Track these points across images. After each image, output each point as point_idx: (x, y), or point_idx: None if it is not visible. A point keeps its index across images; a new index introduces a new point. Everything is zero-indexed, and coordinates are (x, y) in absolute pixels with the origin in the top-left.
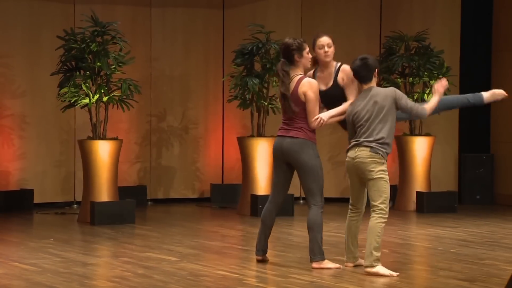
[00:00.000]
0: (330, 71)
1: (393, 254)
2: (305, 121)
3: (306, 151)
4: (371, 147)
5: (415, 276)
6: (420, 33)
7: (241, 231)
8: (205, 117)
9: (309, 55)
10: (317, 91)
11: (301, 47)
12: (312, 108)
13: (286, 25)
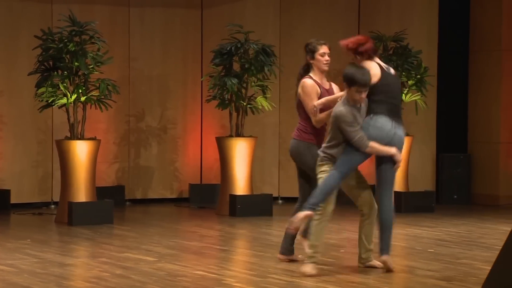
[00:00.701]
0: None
1: (371, 256)
2: (304, 121)
3: (302, 153)
4: None
5: (393, 276)
6: (398, 34)
7: (219, 231)
8: (183, 117)
9: (323, 58)
10: (310, 89)
11: (313, 49)
12: (307, 107)
13: (264, 25)
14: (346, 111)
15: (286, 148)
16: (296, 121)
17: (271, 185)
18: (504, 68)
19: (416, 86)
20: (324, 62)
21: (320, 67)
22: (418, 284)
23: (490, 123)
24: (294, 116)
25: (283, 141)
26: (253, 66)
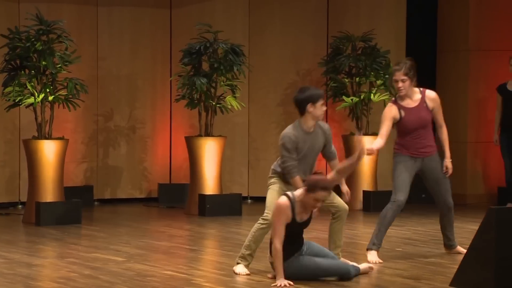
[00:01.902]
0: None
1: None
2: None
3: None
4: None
5: (361, 275)
6: (366, 34)
7: (188, 231)
8: (152, 116)
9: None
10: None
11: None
12: None
13: (233, 25)
14: (289, 136)
15: (255, 148)
16: (265, 120)
17: (240, 185)
18: (471, 68)
19: (384, 85)
20: (397, 89)
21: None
22: (386, 283)
23: (457, 123)
24: (263, 116)
25: (252, 141)
26: (222, 66)
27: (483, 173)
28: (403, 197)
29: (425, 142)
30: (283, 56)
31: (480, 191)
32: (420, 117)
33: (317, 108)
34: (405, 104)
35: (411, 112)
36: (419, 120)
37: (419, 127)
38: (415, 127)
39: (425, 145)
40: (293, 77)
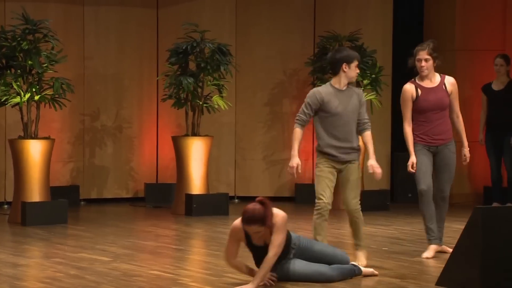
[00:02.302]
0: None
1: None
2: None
3: None
4: None
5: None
6: (353, 33)
7: (175, 231)
8: (139, 116)
9: (419, 64)
10: (402, 96)
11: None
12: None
13: (220, 25)
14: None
15: (242, 147)
16: (252, 120)
17: (227, 185)
18: (457, 68)
19: (371, 85)
20: (419, 68)
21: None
22: (373, 282)
23: None
24: (250, 116)
25: (239, 140)
26: (209, 65)
27: (469, 172)
28: (425, 186)
29: (441, 128)
30: (270, 56)
31: (466, 191)
32: (437, 97)
33: (351, 69)
34: (423, 84)
35: (429, 92)
36: (436, 101)
37: (436, 108)
38: (432, 107)
39: (441, 131)
40: (280, 77)
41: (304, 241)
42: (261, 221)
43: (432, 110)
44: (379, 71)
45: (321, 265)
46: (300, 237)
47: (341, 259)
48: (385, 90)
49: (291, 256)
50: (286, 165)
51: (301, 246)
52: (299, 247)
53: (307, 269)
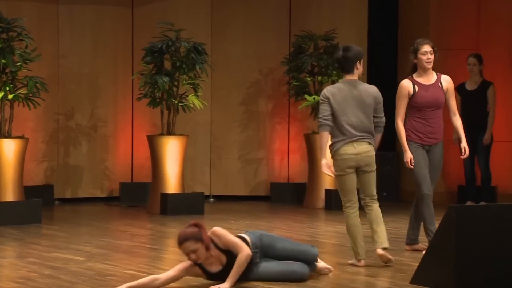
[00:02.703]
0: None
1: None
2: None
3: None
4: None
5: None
6: (328, 33)
7: (150, 230)
8: (114, 115)
9: (424, 56)
10: (399, 91)
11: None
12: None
13: (196, 24)
14: (324, 91)
15: (217, 146)
16: (227, 119)
17: (203, 184)
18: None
19: None
20: (425, 61)
21: (422, 65)
22: (347, 281)
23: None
24: (225, 115)
25: (214, 139)
26: (184, 65)
27: (443, 171)
28: (428, 190)
29: (435, 127)
30: (246, 55)
31: (441, 189)
32: (434, 95)
33: (361, 65)
34: (420, 80)
35: (426, 89)
36: (432, 98)
37: (432, 105)
38: (428, 104)
39: (434, 130)
40: (255, 76)
41: (266, 239)
42: (195, 237)
43: (428, 107)
44: None
45: (292, 263)
46: (262, 235)
47: (306, 254)
48: None
49: (257, 260)
50: (261, 164)
51: (264, 246)
52: (262, 247)
53: (278, 269)
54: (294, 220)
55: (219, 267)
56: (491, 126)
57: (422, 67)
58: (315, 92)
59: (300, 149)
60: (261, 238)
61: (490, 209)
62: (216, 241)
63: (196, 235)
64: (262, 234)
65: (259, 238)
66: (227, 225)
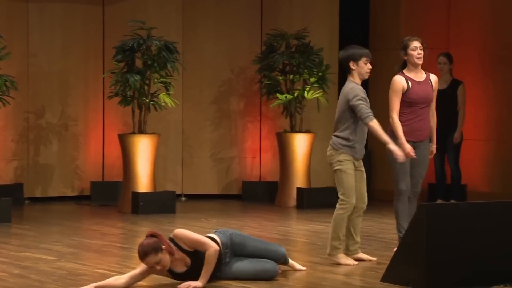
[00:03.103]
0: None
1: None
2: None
3: None
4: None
5: (294, 271)
6: (300, 31)
7: (121, 229)
8: (85, 114)
9: (414, 52)
10: (394, 86)
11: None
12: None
13: (167, 22)
14: (356, 88)
15: (189, 145)
16: (199, 118)
17: (174, 183)
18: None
19: (318, 83)
20: (416, 56)
21: (412, 61)
22: (318, 279)
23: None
24: (197, 113)
25: (186, 138)
26: (155, 63)
27: None
28: (405, 186)
29: (423, 123)
30: (217, 54)
31: None
32: (426, 91)
33: (360, 66)
34: (412, 77)
35: (419, 85)
36: (425, 94)
37: (424, 102)
38: (420, 101)
39: (422, 127)
40: (227, 75)
41: (236, 238)
42: (154, 249)
43: (420, 104)
44: (326, 69)
45: (264, 261)
46: (232, 234)
47: (275, 253)
48: (331, 88)
49: (227, 260)
50: (233, 163)
51: (234, 245)
52: (232, 246)
53: (251, 268)
54: (265, 218)
55: (184, 268)
56: (461, 125)
57: (413, 63)
58: (286, 90)
59: (272, 148)
60: (231, 237)
61: (460, 207)
62: (180, 243)
63: (155, 247)
64: (233, 233)
65: (230, 237)
66: (199, 224)
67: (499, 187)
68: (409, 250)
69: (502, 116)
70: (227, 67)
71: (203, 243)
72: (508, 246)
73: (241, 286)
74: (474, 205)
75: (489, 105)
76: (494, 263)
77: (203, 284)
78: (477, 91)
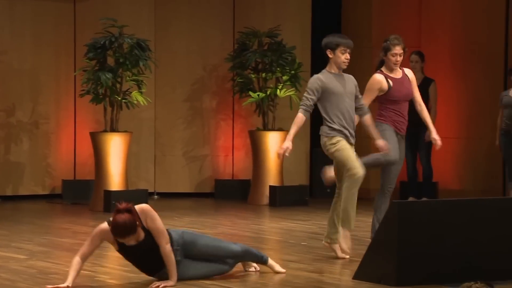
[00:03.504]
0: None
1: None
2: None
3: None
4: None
5: (266, 269)
6: (272, 30)
7: (93, 228)
8: (56, 112)
9: (393, 58)
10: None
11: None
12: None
13: (139, 20)
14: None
15: (161, 143)
16: (172, 116)
17: (147, 181)
18: (374, 65)
19: (290, 81)
20: (394, 62)
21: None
22: (291, 277)
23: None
24: (169, 111)
25: (158, 136)
26: (128, 61)
27: None
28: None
29: (403, 119)
30: (190, 51)
31: None
32: (407, 88)
33: (336, 55)
34: (392, 75)
35: (399, 82)
36: (406, 91)
37: (406, 98)
38: (402, 98)
39: (404, 122)
40: (199, 73)
41: (187, 237)
42: (133, 227)
43: (404, 100)
44: (298, 67)
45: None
46: (184, 233)
47: (227, 251)
48: (304, 86)
49: (178, 258)
50: (206, 161)
51: (185, 243)
52: (184, 245)
53: (199, 271)
54: (238, 216)
55: (133, 241)
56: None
57: (389, 67)
58: (259, 89)
59: (244, 146)
60: (182, 236)
61: (431, 204)
62: (142, 218)
63: (133, 225)
64: (184, 231)
65: (181, 235)
66: (171, 222)
67: (470, 184)
68: (381, 247)
69: (472, 114)
70: (200, 65)
71: (163, 233)
72: (479, 243)
73: (214, 284)
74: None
75: (460, 103)
76: (465, 260)
77: (174, 282)
78: (448, 89)
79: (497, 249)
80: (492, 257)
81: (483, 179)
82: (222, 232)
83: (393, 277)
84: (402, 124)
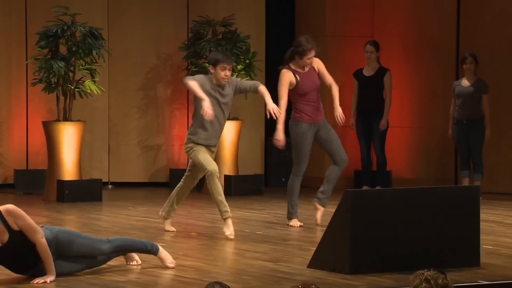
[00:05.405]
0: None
1: (200, 237)
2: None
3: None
4: None
5: (221, 258)
6: (226, 19)
7: (46, 218)
8: (8, 101)
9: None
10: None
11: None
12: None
13: (92, 8)
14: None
15: (115, 132)
16: (126, 105)
17: (101, 170)
18: (328, 54)
19: (245, 70)
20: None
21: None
22: (246, 266)
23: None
24: (123, 100)
25: (112, 125)
26: (80, 49)
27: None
28: (304, 169)
29: (317, 106)
30: (144, 40)
31: None
32: (313, 80)
33: (216, 71)
34: (299, 70)
35: (305, 76)
36: (313, 83)
37: (314, 89)
38: (310, 90)
39: (318, 109)
40: (153, 62)
41: (62, 236)
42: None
43: (312, 92)
44: (253, 57)
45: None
46: (59, 232)
47: (99, 250)
48: (258, 75)
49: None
50: (160, 151)
51: (60, 243)
52: (57, 245)
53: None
54: (194, 206)
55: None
56: (387, 112)
57: (300, 65)
58: None
59: None
60: (57, 235)
61: (384, 193)
62: (8, 219)
63: None
64: (59, 230)
65: (56, 234)
66: (126, 212)
67: (423, 173)
68: (335, 236)
69: (425, 103)
70: (154, 54)
71: (35, 229)
72: (432, 231)
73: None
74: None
75: (413, 93)
76: (418, 248)
77: (54, 275)
78: (401, 78)
79: (450, 237)
80: (445, 245)
81: (436, 168)
82: (177, 221)
83: (347, 266)
84: (317, 113)
